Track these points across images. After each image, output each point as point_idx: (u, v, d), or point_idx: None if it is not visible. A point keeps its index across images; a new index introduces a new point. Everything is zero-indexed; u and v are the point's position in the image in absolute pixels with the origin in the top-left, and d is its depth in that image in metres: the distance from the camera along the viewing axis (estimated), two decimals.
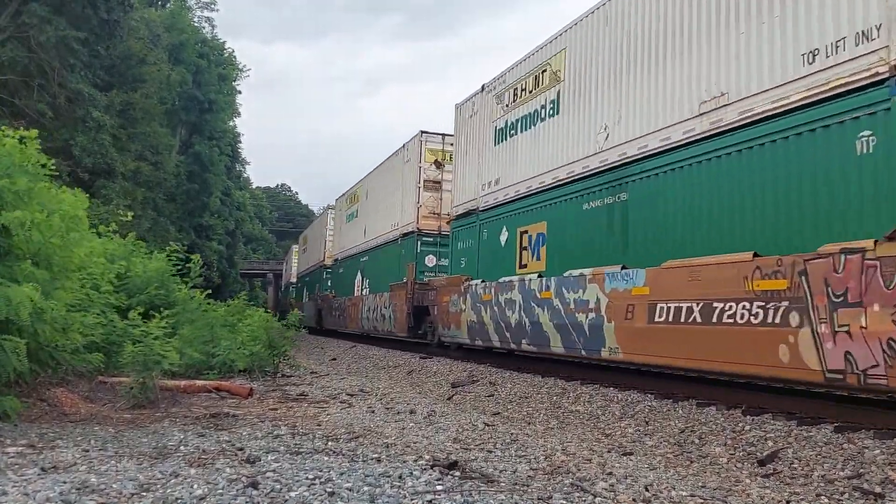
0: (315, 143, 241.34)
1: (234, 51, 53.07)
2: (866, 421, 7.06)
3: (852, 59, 7.30)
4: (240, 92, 52.50)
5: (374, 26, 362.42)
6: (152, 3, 41.57)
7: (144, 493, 4.37)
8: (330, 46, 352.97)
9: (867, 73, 7.12)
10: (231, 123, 53.10)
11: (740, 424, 7.61)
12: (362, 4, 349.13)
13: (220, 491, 4.44)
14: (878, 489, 5.52)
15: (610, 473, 5.61)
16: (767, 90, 8.33)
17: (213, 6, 50.07)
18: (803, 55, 7.88)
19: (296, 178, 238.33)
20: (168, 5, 44.61)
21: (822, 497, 5.49)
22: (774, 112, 8.22)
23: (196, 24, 46.96)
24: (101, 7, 24.46)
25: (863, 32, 7.21)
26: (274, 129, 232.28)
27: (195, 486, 4.53)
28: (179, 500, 4.23)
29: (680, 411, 8.61)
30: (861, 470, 5.93)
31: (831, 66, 7.51)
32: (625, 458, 6.82)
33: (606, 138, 11.39)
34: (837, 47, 7.46)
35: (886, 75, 6.94)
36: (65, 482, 4.51)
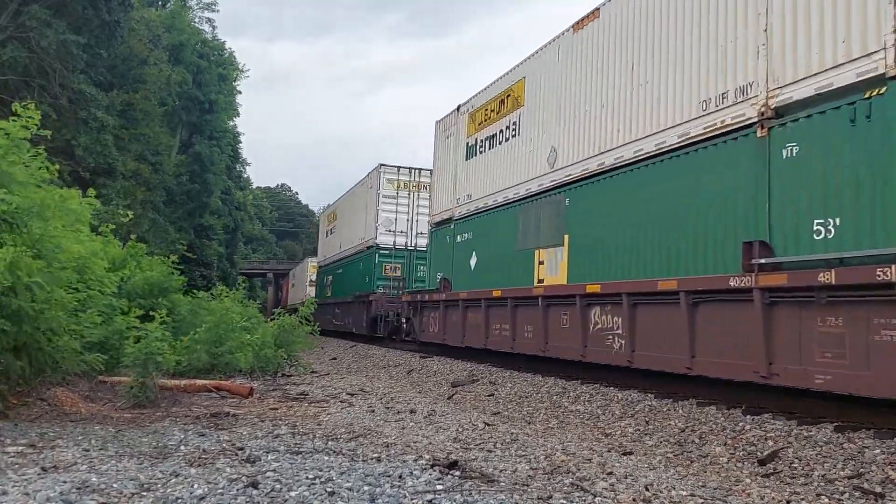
0: (316, 143, 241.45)
1: (234, 51, 52.96)
2: (866, 421, 7.06)
3: None
4: (240, 92, 52.41)
5: (376, 25, 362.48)
6: (152, 3, 41.54)
7: (145, 493, 4.37)
8: (332, 45, 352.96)
9: None
10: (231, 123, 53.02)
11: (740, 424, 7.61)
12: (364, 2, 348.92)
13: (221, 490, 4.45)
14: (878, 489, 5.52)
15: (610, 473, 5.61)
16: None
17: (213, 6, 49.97)
18: None
19: (296, 178, 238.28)
20: (168, 6, 44.57)
21: (823, 497, 5.49)
22: None
23: (196, 25, 46.92)
24: (102, 8, 24.42)
25: None
26: (275, 129, 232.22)
27: (195, 486, 4.53)
28: (180, 500, 4.24)
29: (680, 411, 8.61)
30: (861, 469, 5.93)
31: None
32: (625, 457, 6.82)
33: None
34: None
35: None
36: (65, 482, 4.51)
